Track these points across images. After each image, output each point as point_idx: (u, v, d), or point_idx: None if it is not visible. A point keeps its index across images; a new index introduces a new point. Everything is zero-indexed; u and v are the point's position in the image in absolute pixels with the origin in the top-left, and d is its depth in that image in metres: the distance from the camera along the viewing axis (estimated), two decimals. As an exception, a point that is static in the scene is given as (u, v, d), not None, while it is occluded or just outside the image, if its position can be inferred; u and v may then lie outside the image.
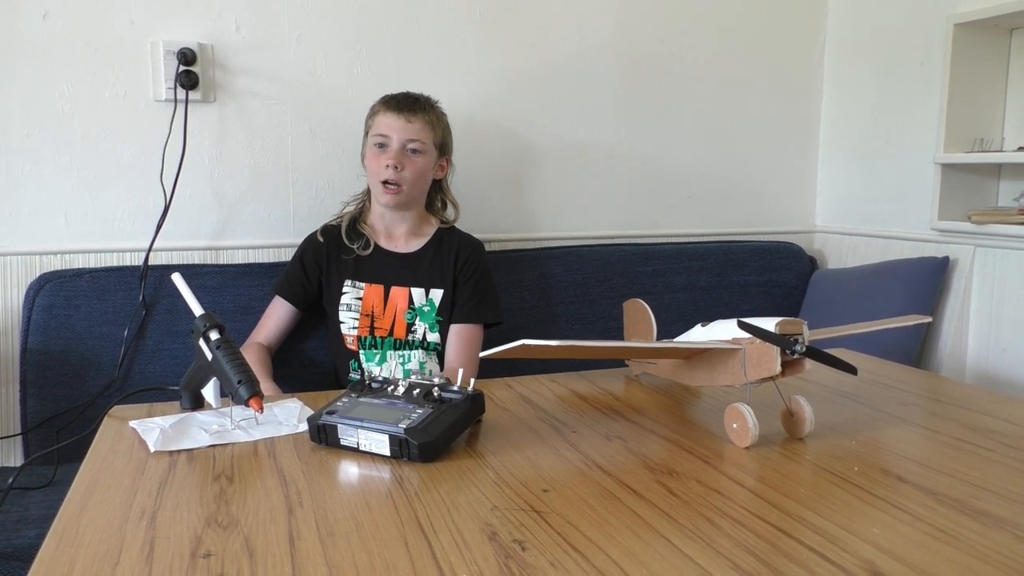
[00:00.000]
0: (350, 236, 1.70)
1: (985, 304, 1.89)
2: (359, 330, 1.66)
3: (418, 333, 1.66)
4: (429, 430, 0.94)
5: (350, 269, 1.68)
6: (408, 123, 1.63)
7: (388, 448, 0.94)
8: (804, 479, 0.90)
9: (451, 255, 1.70)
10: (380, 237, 1.71)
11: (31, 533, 1.26)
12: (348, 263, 1.69)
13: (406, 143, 1.63)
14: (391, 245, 1.71)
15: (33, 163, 1.75)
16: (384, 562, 0.69)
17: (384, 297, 1.67)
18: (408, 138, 1.63)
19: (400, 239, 1.71)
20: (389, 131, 1.63)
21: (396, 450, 0.94)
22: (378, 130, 1.65)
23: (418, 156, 1.64)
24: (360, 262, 1.69)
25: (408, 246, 1.71)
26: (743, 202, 2.34)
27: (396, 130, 1.63)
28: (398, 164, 1.61)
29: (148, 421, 1.07)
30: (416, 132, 1.63)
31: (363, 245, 1.69)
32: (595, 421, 1.10)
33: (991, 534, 0.76)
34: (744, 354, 1.00)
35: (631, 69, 2.17)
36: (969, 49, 1.91)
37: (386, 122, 1.64)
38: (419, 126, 1.64)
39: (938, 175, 1.95)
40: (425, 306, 1.67)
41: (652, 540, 0.74)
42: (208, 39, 1.82)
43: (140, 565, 0.69)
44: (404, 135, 1.63)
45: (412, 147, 1.63)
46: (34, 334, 1.68)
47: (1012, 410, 1.17)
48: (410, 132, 1.63)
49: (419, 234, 1.72)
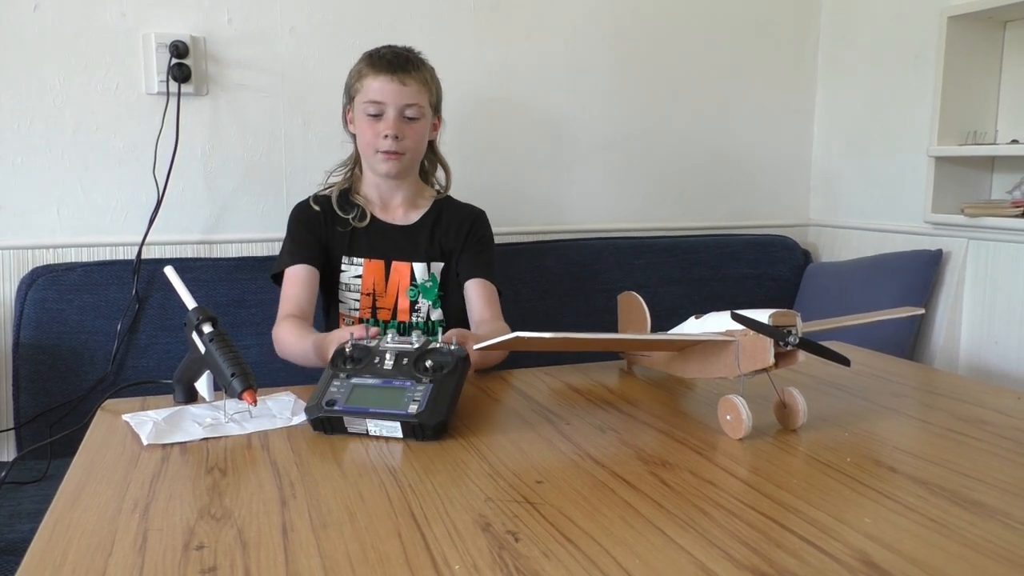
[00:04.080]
0: (343, 207, 1.54)
1: (978, 297, 1.90)
2: (360, 311, 1.53)
3: (421, 312, 1.54)
4: (439, 409, 0.98)
5: (346, 244, 1.54)
6: (403, 86, 1.46)
7: (400, 432, 0.98)
8: (797, 470, 0.90)
9: (453, 226, 1.57)
10: (375, 208, 1.57)
11: (24, 527, 1.26)
12: (344, 236, 1.54)
13: (403, 109, 1.46)
14: (388, 216, 1.57)
15: (24, 156, 1.74)
16: (378, 553, 0.69)
17: (385, 273, 1.53)
18: (405, 103, 1.46)
19: (398, 210, 1.57)
20: (382, 97, 1.46)
21: (408, 432, 0.98)
22: (369, 95, 1.47)
23: (416, 122, 1.48)
24: (356, 235, 1.54)
25: (407, 217, 1.57)
26: (737, 195, 2.34)
27: (390, 95, 1.45)
28: (398, 133, 1.46)
29: (141, 414, 1.07)
30: (412, 95, 1.46)
31: (358, 216, 1.54)
32: (589, 413, 1.10)
33: (982, 523, 0.76)
34: (738, 346, 1.00)
35: (625, 63, 2.17)
36: (963, 42, 1.91)
37: (377, 87, 1.46)
38: (415, 88, 1.47)
39: (931, 168, 1.96)
40: (427, 281, 1.54)
41: (645, 531, 0.74)
42: (200, 31, 1.81)
43: (133, 557, 0.69)
44: (400, 100, 1.46)
45: (409, 113, 1.47)
46: (26, 328, 1.67)
47: (1004, 401, 1.17)
48: (406, 96, 1.46)
49: (416, 205, 1.58)
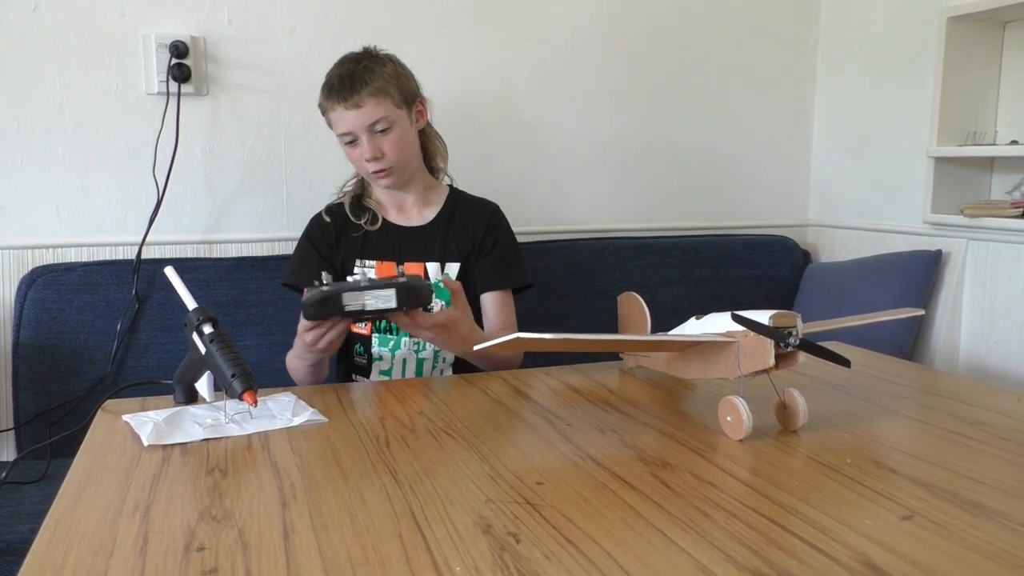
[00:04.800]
0: (355, 212, 1.55)
1: (978, 297, 1.90)
2: None
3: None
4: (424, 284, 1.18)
5: (359, 247, 1.54)
6: (359, 108, 1.44)
7: (395, 300, 1.14)
8: (797, 471, 0.90)
9: (468, 225, 1.56)
10: (389, 211, 1.57)
11: (24, 528, 1.26)
12: (356, 240, 1.54)
13: (370, 128, 1.45)
14: (402, 218, 1.57)
15: (24, 157, 1.74)
16: (378, 555, 0.69)
17: (398, 274, 1.50)
18: (367, 124, 1.45)
19: (411, 211, 1.57)
20: (347, 127, 1.46)
21: (403, 297, 1.14)
22: (337, 128, 1.49)
23: (390, 132, 1.46)
24: (369, 238, 1.54)
25: (422, 217, 1.57)
26: (736, 196, 2.34)
27: (352, 122, 1.45)
28: (376, 153, 1.46)
29: (141, 415, 1.07)
30: (371, 113, 1.44)
31: (370, 220, 1.55)
32: (589, 414, 1.10)
33: (983, 525, 0.76)
34: (738, 347, 1.00)
35: (624, 63, 2.17)
36: (962, 42, 1.91)
37: (338, 118, 1.47)
38: (371, 105, 1.44)
39: (931, 168, 1.96)
40: (441, 281, 1.51)
41: (646, 532, 0.74)
42: (200, 32, 1.81)
43: (133, 559, 0.69)
44: (362, 122, 1.45)
45: (379, 127, 1.45)
46: (26, 328, 1.67)
47: (1004, 402, 1.17)
48: (367, 117, 1.44)
49: (430, 202, 1.58)
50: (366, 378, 1.53)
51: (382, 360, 1.51)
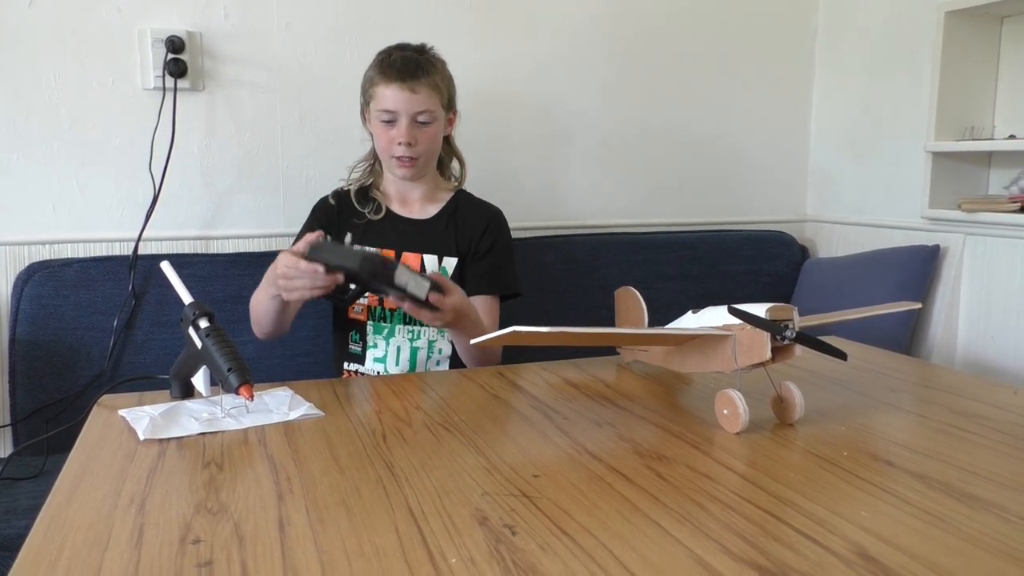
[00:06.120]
0: (360, 201, 1.58)
1: (975, 292, 1.90)
2: (369, 298, 1.53)
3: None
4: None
5: (359, 235, 1.54)
6: (413, 94, 1.47)
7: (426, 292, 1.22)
8: (794, 464, 0.90)
9: (468, 225, 1.58)
10: (393, 203, 1.60)
11: (20, 523, 1.26)
12: (357, 228, 1.56)
13: (415, 116, 1.48)
14: (405, 211, 1.59)
15: (20, 152, 1.73)
16: (374, 547, 0.69)
17: None
18: (416, 111, 1.47)
19: (415, 204, 1.59)
20: (394, 105, 1.47)
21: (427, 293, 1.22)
22: (381, 104, 1.49)
23: (429, 126, 1.50)
24: (371, 227, 1.56)
25: (424, 212, 1.59)
26: (734, 191, 2.34)
27: (401, 103, 1.47)
28: (411, 140, 1.48)
29: (138, 410, 1.07)
30: (423, 102, 1.48)
31: (374, 209, 1.57)
32: (586, 408, 1.10)
33: (979, 516, 0.76)
34: (734, 340, 1.00)
35: (623, 59, 2.17)
36: (960, 37, 1.91)
37: (388, 95, 1.47)
38: (425, 94, 1.48)
39: (929, 163, 1.96)
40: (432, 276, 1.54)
41: (642, 524, 0.74)
42: (196, 27, 1.80)
43: (129, 551, 0.69)
44: (411, 108, 1.47)
45: (422, 119, 1.48)
46: (23, 324, 1.67)
47: (1000, 396, 1.17)
48: (416, 104, 1.47)
49: (434, 199, 1.60)
50: (360, 365, 1.54)
51: (376, 347, 1.52)
